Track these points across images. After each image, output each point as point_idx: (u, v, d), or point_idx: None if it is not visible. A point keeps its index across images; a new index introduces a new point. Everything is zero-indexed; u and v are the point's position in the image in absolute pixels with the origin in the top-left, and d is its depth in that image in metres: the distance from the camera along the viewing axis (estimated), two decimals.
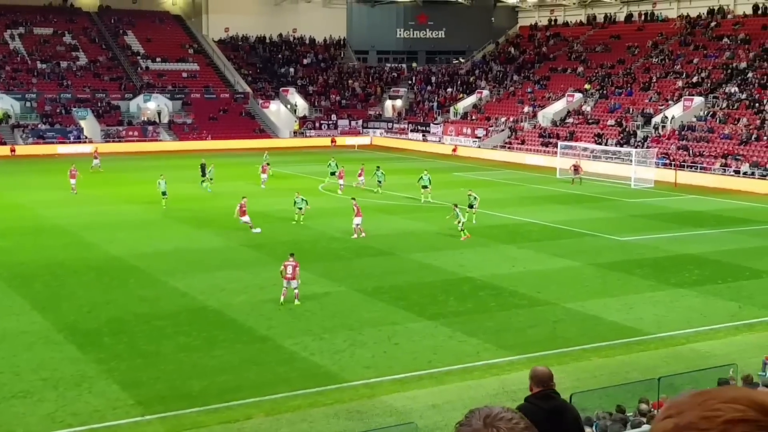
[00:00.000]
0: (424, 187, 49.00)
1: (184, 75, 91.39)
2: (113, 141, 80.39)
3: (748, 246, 37.61)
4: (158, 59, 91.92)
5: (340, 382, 21.00)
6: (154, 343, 23.74)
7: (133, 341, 23.81)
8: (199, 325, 25.30)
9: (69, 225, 40.98)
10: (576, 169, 59.02)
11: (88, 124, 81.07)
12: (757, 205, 49.58)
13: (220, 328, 25.15)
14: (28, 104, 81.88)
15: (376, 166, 54.49)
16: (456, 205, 38.61)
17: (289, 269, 27.26)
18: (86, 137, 79.91)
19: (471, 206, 41.29)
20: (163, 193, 47.15)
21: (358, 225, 38.31)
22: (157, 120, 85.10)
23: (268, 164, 56.36)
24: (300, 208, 41.77)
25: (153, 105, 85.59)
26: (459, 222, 37.92)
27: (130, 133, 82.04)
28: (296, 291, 27.49)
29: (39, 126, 79.55)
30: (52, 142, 77.67)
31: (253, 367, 21.99)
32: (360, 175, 53.84)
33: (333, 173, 54.88)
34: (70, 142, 78.18)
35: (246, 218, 39.38)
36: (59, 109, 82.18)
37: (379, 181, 52.52)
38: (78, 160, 60.46)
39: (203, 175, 53.66)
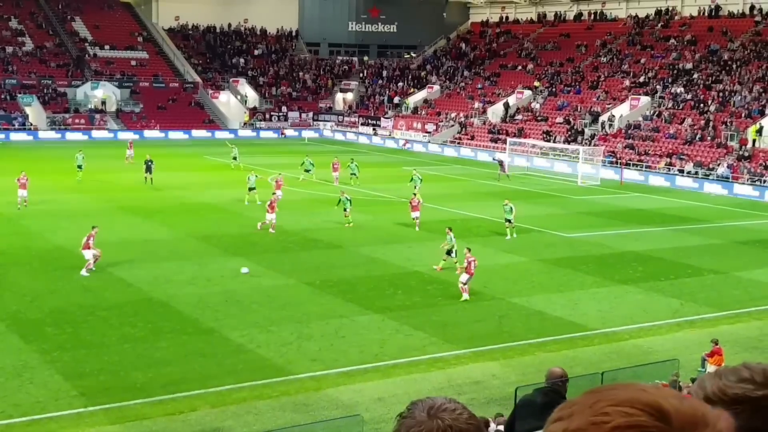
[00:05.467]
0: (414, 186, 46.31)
1: (133, 63, 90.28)
2: (59, 129, 79.15)
3: (690, 244, 38.29)
4: (107, 47, 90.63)
5: (286, 374, 20.98)
6: (98, 333, 23.46)
7: (76, 332, 23.52)
8: (145, 316, 25.06)
9: (11, 213, 40.24)
10: (501, 164, 59.05)
11: (34, 110, 79.71)
12: (699, 204, 50.48)
13: (166, 319, 24.94)
14: None
15: (351, 158, 54.17)
16: (450, 228, 33.06)
17: (473, 265, 27.36)
18: (31, 124, 78.61)
19: (508, 220, 37.70)
20: (79, 167, 49.76)
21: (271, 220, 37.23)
22: (104, 108, 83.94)
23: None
24: (345, 209, 38.92)
25: (101, 93, 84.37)
26: (451, 250, 31.50)
27: (77, 120, 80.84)
28: (465, 286, 27.59)
29: None
30: None
31: (198, 358, 21.85)
32: (335, 170, 52.42)
33: (308, 171, 53.22)
34: (14, 129, 76.88)
35: (89, 254, 29.81)
36: (4, 95, 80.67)
37: (353, 174, 51.83)
38: (18, 147, 58.80)
39: (148, 171, 50.22)
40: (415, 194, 43.19)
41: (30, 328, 23.74)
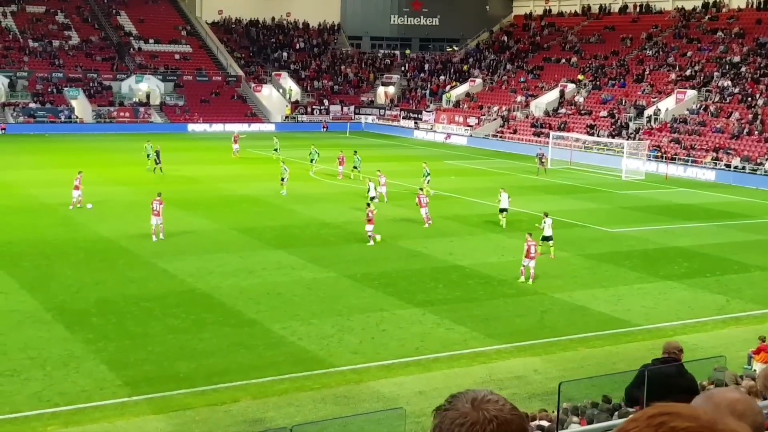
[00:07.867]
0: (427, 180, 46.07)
1: (177, 57, 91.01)
2: (104, 121, 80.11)
3: (736, 240, 37.74)
4: (151, 40, 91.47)
5: (327, 367, 21.03)
6: (143, 324, 23.72)
7: (121, 322, 23.79)
8: (188, 308, 25.28)
9: (58, 205, 40.78)
10: (541, 158, 58.60)
11: (80, 104, 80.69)
12: (746, 200, 49.73)
13: (209, 310, 25.14)
14: (19, 82, 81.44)
15: (354, 150, 53.98)
16: (546, 214, 34.05)
17: (533, 249, 28.92)
18: (77, 117, 79.61)
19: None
20: (148, 156, 51.44)
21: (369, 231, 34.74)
22: (149, 101, 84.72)
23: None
24: (372, 198, 40.08)
25: (145, 86, 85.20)
26: (548, 237, 32.75)
27: (122, 113, 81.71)
28: (532, 271, 28.99)
29: (30, 105, 79.14)
30: (43, 121, 77.38)
31: (240, 350, 21.99)
32: (341, 164, 52.12)
33: (312, 161, 54.00)
34: (60, 122, 77.95)
35: (159, 219, 34.13)
36: (51, 89, 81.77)
37: (356, 167, 51.08)
38: (68, 141, 59.21)
39: (157, 162, 50.82)
40: (422, 189, 41.94)
41: (75, 318, 24.06)
